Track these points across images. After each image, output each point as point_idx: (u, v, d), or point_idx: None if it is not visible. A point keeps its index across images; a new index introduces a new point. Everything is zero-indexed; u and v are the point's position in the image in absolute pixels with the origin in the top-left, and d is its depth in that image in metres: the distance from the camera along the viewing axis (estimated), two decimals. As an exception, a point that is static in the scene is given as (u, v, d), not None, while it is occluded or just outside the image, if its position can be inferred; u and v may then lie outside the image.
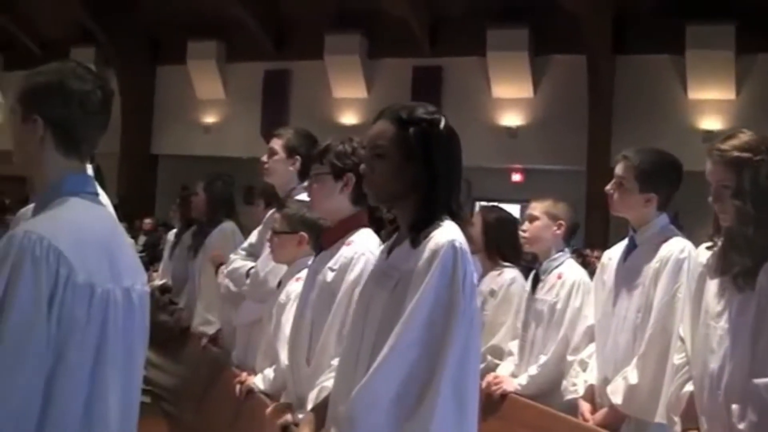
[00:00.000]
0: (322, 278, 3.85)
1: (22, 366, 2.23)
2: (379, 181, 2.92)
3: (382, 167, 2.89)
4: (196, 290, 7.12)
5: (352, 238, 3.84)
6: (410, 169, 2.85)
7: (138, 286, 2.56)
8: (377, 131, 2.93)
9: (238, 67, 20.10)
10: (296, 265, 4.68)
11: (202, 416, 5.93)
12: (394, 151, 2.87)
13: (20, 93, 2.56)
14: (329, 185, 3.87)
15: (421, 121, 2.87)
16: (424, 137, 2.85)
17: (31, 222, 2.44)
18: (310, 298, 3.91)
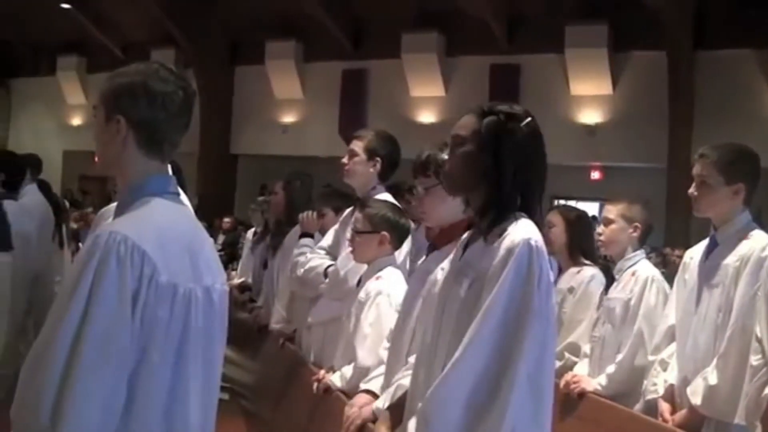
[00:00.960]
0: (434, 278, 3.83)
1: (107, 364, 2.27)
2: (452, 170, 2.93)
3: (458, 158, 2.90)
4: (274, 289, 7.16)
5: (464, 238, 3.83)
6: (481, 160, 2.84)
7: (218, 285, 2.58)
8: (460, 123, 2.94)
9: (316, 67, 20.18)
10: (376, 264, 4.68)
11: (280, 413, 5.97)
12: (469, 141, 2.87)
13: (103, 94, 2.58)
14: (441, 195, 3.84)
15: (498, 113, 2.86)
16: (495, 128, 2.85)
17: (115, 222, 2.47)
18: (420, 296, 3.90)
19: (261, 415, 6.48)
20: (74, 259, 2.68)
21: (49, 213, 7.92)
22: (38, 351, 2.32)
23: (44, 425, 2.23)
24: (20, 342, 7.25)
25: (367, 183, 5.17)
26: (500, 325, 2.67)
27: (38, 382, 2.27)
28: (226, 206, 19.37)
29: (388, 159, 5.15)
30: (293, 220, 6.95)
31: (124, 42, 23.31)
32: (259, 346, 7.27)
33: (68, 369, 2.24)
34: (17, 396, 2.34)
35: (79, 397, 2.23)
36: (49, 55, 25.30)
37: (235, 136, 21.56)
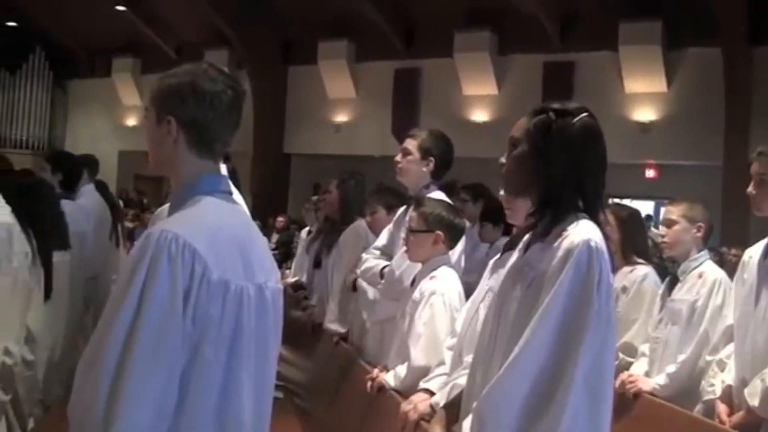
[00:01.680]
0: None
1: (159, 361, 2.29)
2: (507, 172, 2.91)
3: (513, 158, 2.88)
4: (328, 287, 7.18)
5: None
6: (532, 160, 2.82)
7: (271, 283, 2.59)
8: (517, 124, 2.92)
9: (369, 66, 20.20)
10: (430, 264, 4.68)
11: (334, 412, 5.98)
12: (522, 141, 2.85)
13: (154, 95, 2.61)
14: None
15: (548, 112, 2.83)
16: (544, 126, 2.81)
17: (167, 221, 2.50)
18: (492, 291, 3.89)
19: (315, 414, 6.51)
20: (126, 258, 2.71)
21: (106, 213, 8.00)
22: (93, 349, 2.35)
23: (98, 422, 2.25)
24: (78, 339, 7.33)
25: (420, 182, 5.17)
26: (558, 326, 2.64)
27: (92, 379, 2.29)
28: (279, 205, 19.44)
29: (441, 158, 5.15)
30: (347, 218, 6.97)
31: (177, 43, 23.50)
32: (313, 345, 7.30)
33: (121, 367, 2.26)
34: (73, 393, 2.37)
35: (132, 394, 2.25)
36: (104, 57, 25.59)
37: (288, 136, 21.64)
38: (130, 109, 25.40)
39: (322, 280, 7.52)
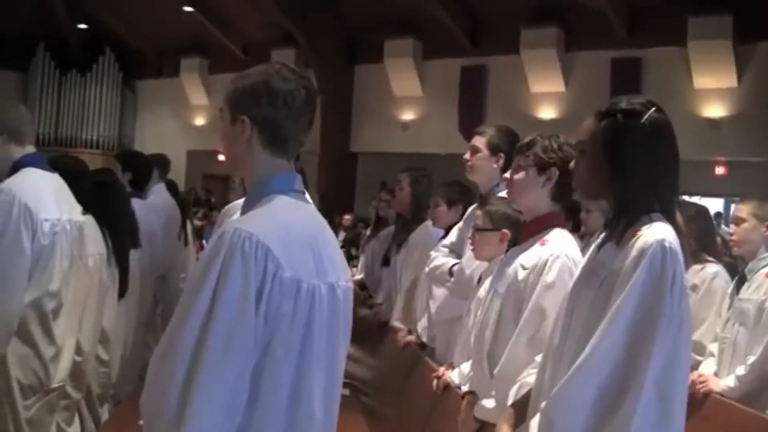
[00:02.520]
0: (513, 274, 3.81)
1: (231, 358, 2.32)
2: (579, 177, 2.89)
3: (583, 164, 2.86)
4: (396, 285, 7.18)
5: (547, 237, 3.79)
6: (605, 164, 2.79)
7: (342, 282, 2.61)
8: (582, 128, 2.90)
9: (435, 64, 20.16)
10: (496, 262, 4.67)
11: (400, 410, 5.99)
12: (591, 146, 2.83)
13: (228, 95, 2.64)
14: (531, 178, 3.83)
15: (616, 113, 2.80)
16: (614, 130, 2.78)
17: (240, 220, 2.53)
18: (498, 292, 3.89)
19: (381, 412, 6.52)
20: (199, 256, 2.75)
21: (176, 211, 8.10)
22: (165, 346, 2.39)
23: (171, 418, 2.29)
24: (148, 336, 7.43)
25: (490, 179, 5.14)
26: (630, 327, 2.61)
27: (165, 376, 2.33)
28: (346, 203, 19.51)
29: (510, 154, 5.10)
30: (418, 216, 6.96)
31: (244, 43, 23.67)
32: (380, 343, 7.31)
33: (194, 364, 2.30)
34: (145, 389, 2.41)
35: (204, 391, 2.29)
36: (172, 57, 25.86)
37: (355, 135, 21.68)
38: (198, 108, 25.64)
39: (391, 277, 7.53)
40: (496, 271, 4.05)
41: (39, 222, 4.40)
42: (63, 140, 27.09)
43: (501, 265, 4.00)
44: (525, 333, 3.65)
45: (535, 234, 3.84)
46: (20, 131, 4.58)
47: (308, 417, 2.48)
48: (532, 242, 3.82)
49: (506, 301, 3.82)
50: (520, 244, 3.91)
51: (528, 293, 3.71)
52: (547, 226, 3.83)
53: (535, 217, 3.88)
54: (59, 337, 4.58)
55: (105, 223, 5.69)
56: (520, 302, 3.75)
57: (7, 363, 4.38)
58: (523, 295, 3.74)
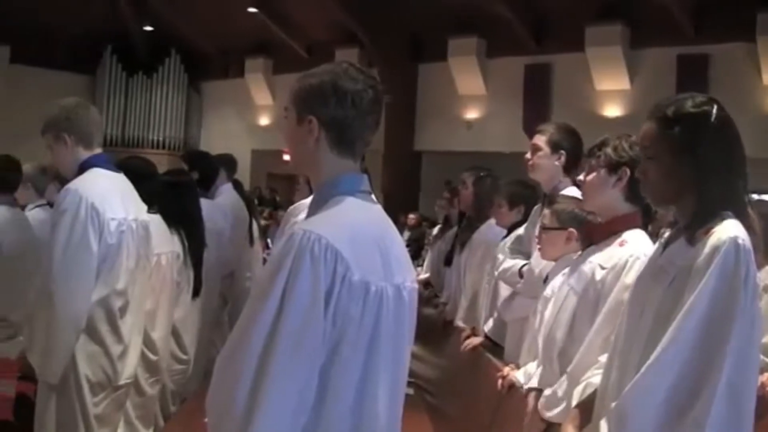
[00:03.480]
0: (590, 274, 3.79)
1: (299, 359, 2.33)
2: (652, 184, 2.85)
3: (653, 170, 2.81)
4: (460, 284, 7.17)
5: (625, 237, 3.77)
6: (681, 169, 2.74)
7: (408, 283, 2.60)
8: (645, 133, 2.85)
9: (499, 63, 20.08)
10: (563, 261, 4.63)
11: (464, 409, 5.98)
12: (662, 152, 2.77)
13: (294, 95, 2.63)
14: (603, 178, 3.80)
15: (687, 117, 2.75)
16: (690, 134, 2.73)
17: (309, 221, 2.52)
18: (574, 291, 3.86)
19: (445, 411, 6.51)
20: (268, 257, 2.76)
21: (243, 211, 8.16)
22: (233, 346, 2.40)
23: (238, 418, 2.31)
24: (215, 335, 7.49)
25: (552, 177, 5.11)
26: (703, 325, 2.57)
27: (233, 376, 2.35)
28: (410, 203, 19.50)
29: (572, 151, 5.08)
30: (482, 216, 6.94)
31: (308, 43, 23.77)
32: (444, 342, 7.30)
33: (262, 365, 2.31)
34: (212, 388, 2.42)
35: (272, 392, 2.29)
36: (237, 58, 26.07)
37: (419, 134, 21.66)
38: (263, 108, 25.83)
39: (454, 277, 7.52)
40: (571, 270, 4.02)
41: (106, 221, 4.46)
42: (130, 141, 27.44)
43: (576, 264, 3.97)
44: (601, 333, 3.62)
45: (612, 234, 3.81)
46: (88, 134, 4.64)
47: (373, 418, 2.48)
48: (609, 242, 3.79)
49: (582, 300, 3.80)
50: (596, 244, 3.88)
51: (606, 293, 3.69)
52: (625, 227, 3.80)
53: (611, 217, 3.85)
54: (126, 335, 4.63)
55: (179, 223, 5.75)
56: (596, 302, 3.72)
57: (76, 360, 4.44)
58: (600, 295, 3.72)
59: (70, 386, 4.46)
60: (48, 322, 4.37)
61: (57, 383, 4.44)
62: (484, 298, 6.36)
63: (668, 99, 2.85)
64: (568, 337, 3.84)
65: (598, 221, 4.01)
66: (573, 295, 3.87)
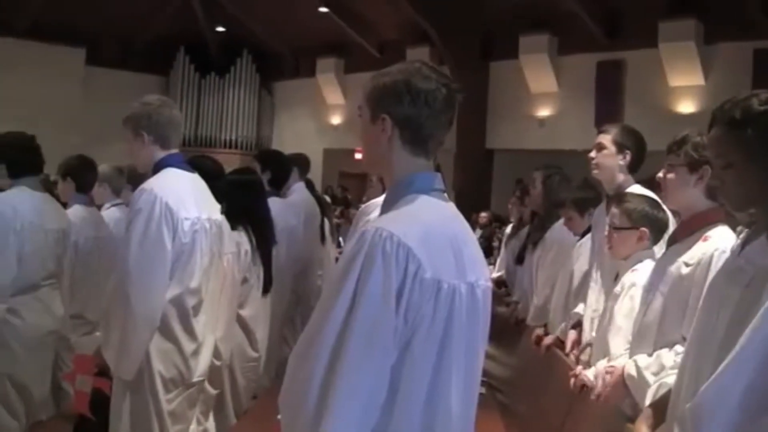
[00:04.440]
0: (676, 271, 3.75)
1: (371, 358, 2.34)
2: (730, 191, 2.77)
3: (730, 177, 2.74)
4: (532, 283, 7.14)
5: (709, 233, 3.73)
6: (758, 172, 2.67)
7: (482, 281, 2.59)
8: (714, 140, 2.76)
9: (570, 60, 19.91)
10: (634, 257, 4.59)
11: (536, 408, 5.95)
12: (736, 157, 2.68)
13: (368, 94, 2.64)
14: (684, 177, 3.77)
15: (758, 117, 2.66)
16: (764, 134, 2.66)
17: (381, 219, 2.53)
18: (660, 291, 3.82)
19: (516, 410, 6.48)
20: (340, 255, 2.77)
21: (315, 209, 8.21)
22: (305, 343, 2.42)
23: (310, 413, 2.32)
24: (286, 332, 7.54)
25: (616, 176, 5.09)
26: None
27: (305, 372, 2.36)
28: (482, 201, 19.45)
29: (636, 151, 5.06)
30: (552, 214, 6.91)
31: (380, 42, 23.82)
32: (516, 341, 7.28)
33: (334, 362, 2.32)
34: (285, 386, 2.44)
35: (344, 389, 2.31)
36: (308, 57, 26.21)
37: (490, 132, 21.56)
38: (334, 108, 25.94)
39: (526, 276, 7.50)
40: (655, 270, 3.98)
41: (180, 220, 4.51)
42: (203, 141, 27.74)
43: (661, 263, 3.93)
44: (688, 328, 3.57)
45: (694, 231, 3.77)
46: (166, 135, 4.70)
47: (445, 417, 2.47)
48: (693, 240, 3.74)
49: (670, 300, 3.75)
50: (679, 242, 3.83)
51: (693, 289, 3.64)
52: (707, 223, 3.76)
53: (693, 215, 3.81)
54: (199, 333, 4.69)
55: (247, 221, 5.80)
56: (685, 300, 3.67)
57: (150, 357, 4.50)
58: (688, 293, 3.67)
59: (144, 383, 4.52)
60: (123, 320, 4.44)
61: (131, 380, 4.51)
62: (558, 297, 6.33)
63: (730, 101, 2.75)
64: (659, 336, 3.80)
65: (681, 219, 3.96)
66: (660, 296, 3.83)
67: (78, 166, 6.66)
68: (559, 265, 6.46)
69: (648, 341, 3.87)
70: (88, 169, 6.72)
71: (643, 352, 3.89)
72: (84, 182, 6.63)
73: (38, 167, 5.81)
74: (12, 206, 5.44)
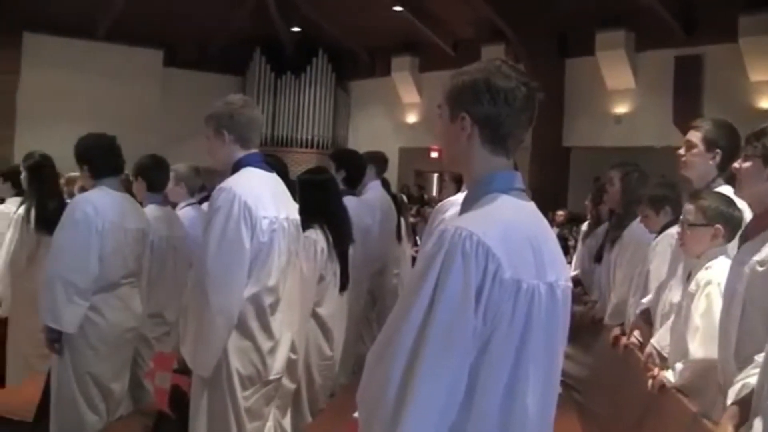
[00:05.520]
0: (750, 271, 3.68)
1: (449, 356, 2.33)
2: None
3: None
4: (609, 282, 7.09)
5: None
6: None
7: (562, 281, 2.58)
8: None
9: (648, 55, 19.70)
10: (708, 255, 4.54)
11: (614, 409, 5.90)
12: None
13: (447, 92, 2.64)
14: (757, 169, 3.70)
15: None
16: None
17: (461, 218, 2.53)
18: (738, 292, 3.76)
19: (593, 410, 6.44)
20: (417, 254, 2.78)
21: (391, 208, 8.23)
22: (384, 342, 2.43)
23: (388, 411, 2.33)
24: (363, 330, 7.57)
25: (705, 175, 4.94)
26: None
27: (383, 371, 2.37)
28: (559, 199, 19.33)
29: (727, 149, 4.86)
30: (630, 212, 6.84)
31: (454, 40, 23.82)
32: (594, 340, 7.23)
33: (412, 360, 2.33)
34: (362, 384, 2.46)
35: (422, 388, 2.31)
36: (384, 56, 26.31)
37: (567, 129, 21.42)
38: (410, 106, 25.98)
39: (604, 274, 7.44)
40: (731, 269, 3.92)
41: (258, 219, 4.56)
42: (279, 140, 27.95)
43: (736, 262, 3.87)
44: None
45: (766, 228, 3.70)
46: (247, 136, 4.76)
47: (523, 417, 2.46)
48: (765, 237, 3.67)
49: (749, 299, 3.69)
50: (751, 240, 3.77)
51: None
52: None
53: (764, 209, 3.74)
54: (276, 331, 4.73)
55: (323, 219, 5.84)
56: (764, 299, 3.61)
57: (228, 354, 4.56)
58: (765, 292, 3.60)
59: (221, 380, 4.59)
60: (201, 317, 4.50)
61: (209, 377, 4.57)
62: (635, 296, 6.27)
63: None
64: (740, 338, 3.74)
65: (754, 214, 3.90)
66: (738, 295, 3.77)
67: (149, 165, 6.73)
68: (636, 264, 6.40)
69: (730, 341, 3.81)
70: (160, 168, 6.79)
71: (729, 353, 3.83)
72: (155, 182, 6.70)
73: (119, 168, 5.91)
74: (94, 206, 5.55)
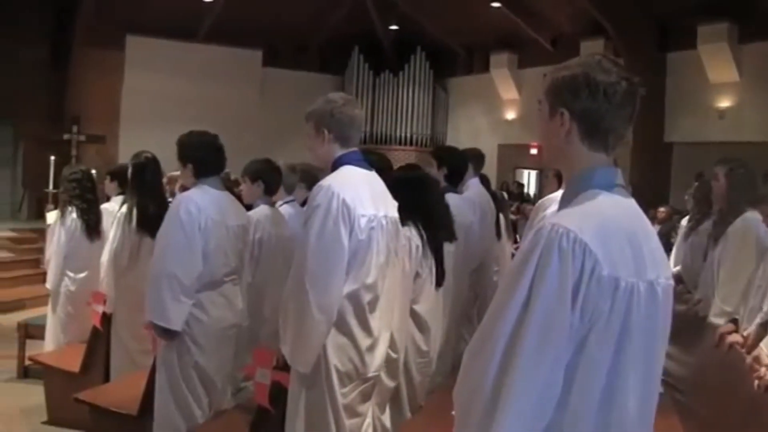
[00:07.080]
0: None
1: (545, 354, 2.32)
2: None
3: None
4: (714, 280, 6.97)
5: None
6: None
7: (662, 279, 2.54)
8: None
9: (753, 48, 19.27)
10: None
11: (716, 410, 5.80)
12: None
13: (547, 88, 2.62)
14: None
15: None
16: None
17: (559, 215, 2.50)
18: None
19: (696, 410, 6.34)
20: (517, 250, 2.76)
21: (490, 205, 8.20)
22: (480, 339, 2.43)
23: (483, 409, 2.33)
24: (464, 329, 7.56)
25: None
26: None
27: (479, 368, 2.37)
28: (661, 196, 19.05)
29: None
30: (735, 209, 6.71)
31: (553, 35, 23.67)
32: (697, 339, 7.11)
33: (508, 358, 2.32)
34: (459, 379, 2.46)
35: (518, 384, 2.30)
36: (482, 53, 26.30)
37: (669, 125, 21.10)
38: (509, 103, 25.90)
39: (708, 272, 7.31)
40: None
41: (356, 217, 4.59)
42: (378, 138, 28.11)
43: None
44: None
45: None
46: (347, 134, 4.80)
47: (622, 416, 2.43)
48: None
49: None
50: None
51: None
52: None
53: None
54: (375, 329, 4.75)
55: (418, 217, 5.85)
56: None
57: (327, 351, 4.60)
58: None
59: (320, 377, 4.63)
60: (301, 314, 4.55)
61: (308, 373, 4.62)
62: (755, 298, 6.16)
63: None
64: None
65: None
66: None
67: (268, 170, 7.07)
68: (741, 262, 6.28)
69: None
70: (276, 172, 7.07)
71: None
72: (273, 185, 6.97)
73: (221, 166, 6.04)
74: (196, 204, 5.68)
